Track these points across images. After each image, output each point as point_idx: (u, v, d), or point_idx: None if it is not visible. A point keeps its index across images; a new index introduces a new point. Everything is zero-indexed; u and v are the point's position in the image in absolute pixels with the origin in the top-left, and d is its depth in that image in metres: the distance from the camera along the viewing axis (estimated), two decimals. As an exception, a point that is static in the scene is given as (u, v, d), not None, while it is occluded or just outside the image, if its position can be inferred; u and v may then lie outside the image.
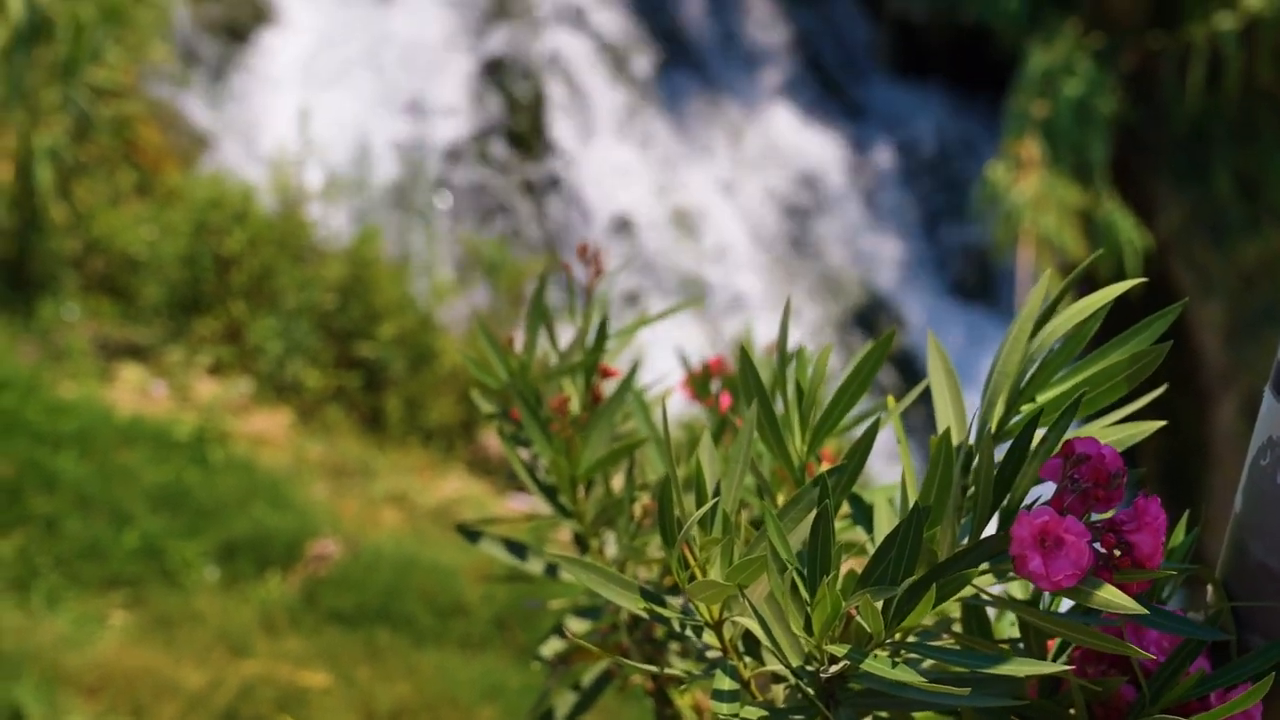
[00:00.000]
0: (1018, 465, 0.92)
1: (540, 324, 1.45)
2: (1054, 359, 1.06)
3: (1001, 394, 1.07)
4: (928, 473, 1.04)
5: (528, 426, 1.33)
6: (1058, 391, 1.06)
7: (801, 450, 1.21)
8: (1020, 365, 1.07)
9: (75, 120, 6.08)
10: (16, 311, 5.81)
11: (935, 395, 1.15)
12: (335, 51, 9.51)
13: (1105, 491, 0.85)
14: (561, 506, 1.36)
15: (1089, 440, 0.90)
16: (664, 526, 1.00)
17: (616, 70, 9.36)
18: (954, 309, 9.24)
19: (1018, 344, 1.07)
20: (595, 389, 1.43)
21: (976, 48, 9.54)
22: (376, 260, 7.05)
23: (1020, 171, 8.42)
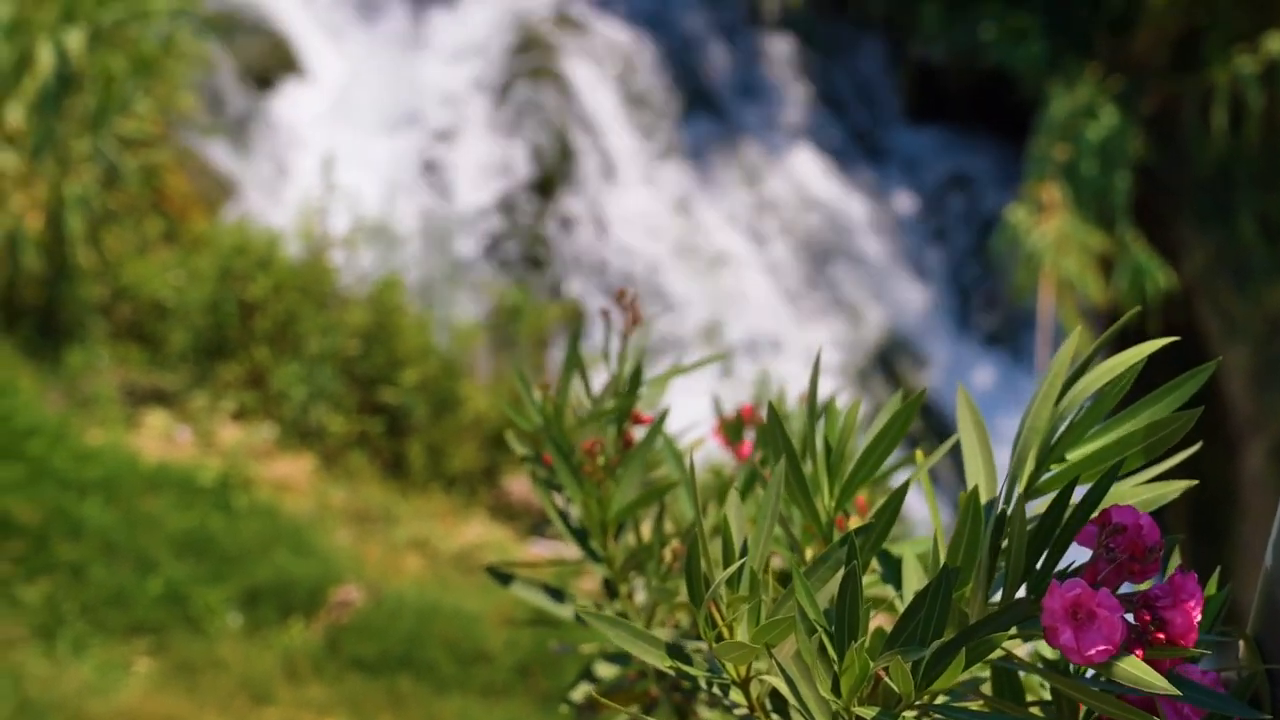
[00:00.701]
0: (1051, 529, 0.92)
1: (575, 370, 1.46)
2: (1084, 417, 1.06)
3: (1031, 451, 1.07)
4: (956, 530, 1.04)
5: (560, 470, 1.34)
6: (1088, 450, 1.05)
7: (829, 507, 1.21)
8: (1050, 423, 1.07)
9: (104, 170, 6.15)
10: (45, 358, 5.86)
11: (965, 450, 1.15)
12: (360, 99, 9.61)
13: (1141, 565, 0.85)
14: (592, 551, 1.36)
15: (1126, 509, 0.89)
16: (691, 585, 1.00)
17: (639, 116, 9.42)
18: (977, 352, 9.21)
19: (1047, 401, 1.07)
20: (627, 434, 1.44)
21: (997, 92, 9.57)
22: (399, 306, 7.09)
23: (1041, 214, 8.42)
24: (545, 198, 8.88)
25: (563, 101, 9.27)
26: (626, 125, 9.34)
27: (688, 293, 8.70)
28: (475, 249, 8.63)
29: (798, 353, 8.70)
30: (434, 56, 9.79)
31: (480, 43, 9.74)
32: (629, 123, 9.37)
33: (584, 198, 8.90)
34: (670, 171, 9.20)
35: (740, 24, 10.22)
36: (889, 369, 8.95)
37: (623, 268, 8.70)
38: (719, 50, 10.05)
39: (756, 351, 8.55)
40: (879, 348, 8.98)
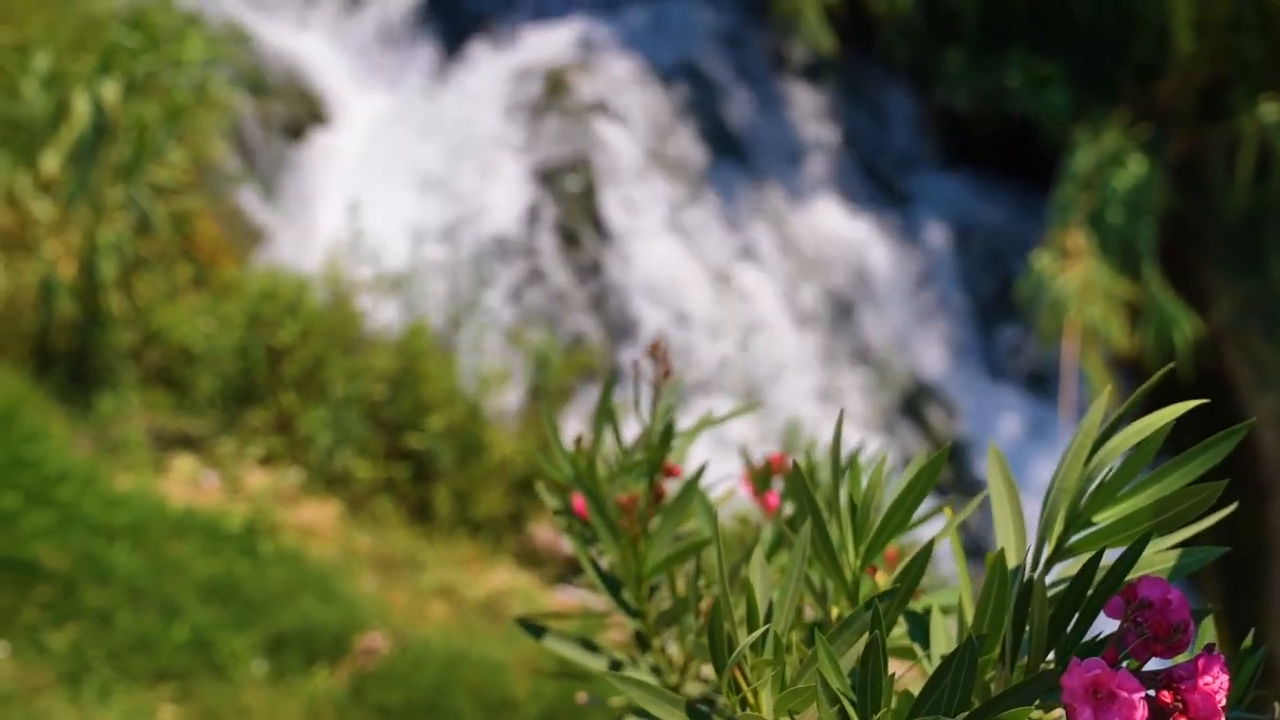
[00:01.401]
0: (1078, 598, 0.91)
1: (607, 422, 1.47)
2: (1114, 479, 1.06)
3: (1060, 512, 1.06)
4: (983, 593, 1.03)
5: (596, 525, 1.34)
6: (1118, 513, 1.05)
7: (855, 566, 1.21)
8: (1079, 483, 1.06)
9: (137, 217, 6.22)
10: (76, 403, 5.91)
11: (995, 509, 1.14)
12: (388, 147, 9.71)
13: (1168, 643, 0.84)
14: (626, 604, 1.37)
15: (1156, 582, 0.88)
16: (714, 649, 0.99)
17: (665, 163, 9.47)
18: (1004, 398, 9.16)
19: (1077, 461, 1.06)
20: (658, 487, 1.44)
21: (1023, 138, 9.58)
22: (426, 352, 7.12)
23: (1066, 261, 8.40)
24: (571, 244, 8.92)
25: (588, 149, 9.34)
26: (652, 172, 9.39)
27: (715, 339, 8.70)
28: (501, 295, 8.67)
29: (825, 398, 8.68)
30: (461, 105, 9.89)
31: (507, 92, 9.83)
32: (655, 170, 9.42)
33: (610, 244, 8.94)
34: (696, 218, 9.24)
35: (765, 70, 10.29)
36: (916, 415, 8.91)
37: (648, 314, 8.72)
38: (744, 96, 10.11)
39: (784, 397, 8.53)
40: (905, 393, 8.94)
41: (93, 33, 7.15)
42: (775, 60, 10.29)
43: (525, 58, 10.12)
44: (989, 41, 9.56)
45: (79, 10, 7.42)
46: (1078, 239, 8.50)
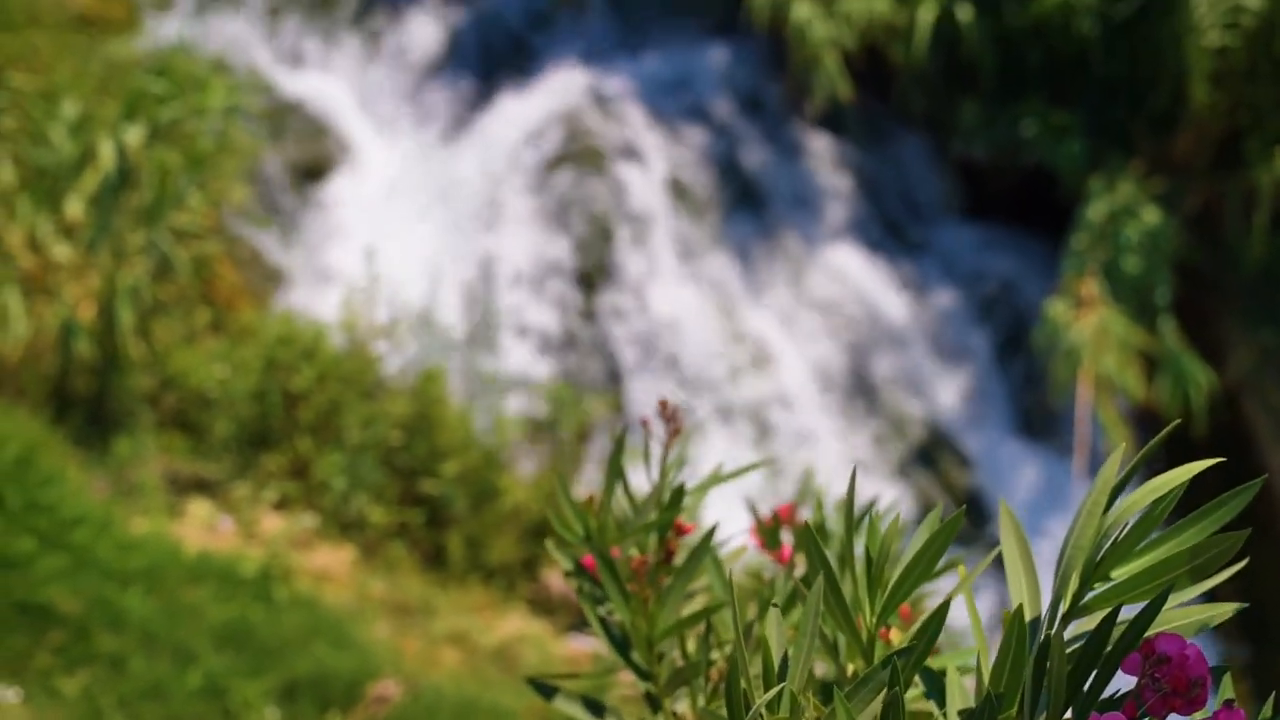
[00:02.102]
0: (1096, 655, 0.91)
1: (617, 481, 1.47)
2: (1130, 535, 1.05)
3: (1076, 569, 1.06)
4: (1000, 651, 1.03)
5: (607, 587, 1.34)
6: (1134, 569, 1.04)
7: (871, 624, 1.20)
8: (1095, 540, 1.06)
9: (157, 262, 6.28)
10: (93, 447, 5.93)
11: (1008, 566, 1.14)
12: (406, 192, 9.79)
13: (1186, 699, 0.83)
14: (636, 666, 1.36)
15: (1173, 638, 0.88)
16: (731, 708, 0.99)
17: (682, 210, 9.52)
18: (1019, 447, 9.12)
19: (1092, 518, 1.06)
20: (670, 544, 1.44)
21: (1039, 188, 9.61)
22: (441, 397, 7.14)
23: (1081, 310, 8.39)
24: (588, 290, 8.95)
25: (606, 196, 9.40)
26: (669, 219, 9.44)
27: (730, 387, 8.70)
28: (518, 341, 8.69)
29: (839, 447, 8.66)
30: (479, 151, 9.97)
31: (525, 138, 9.91)
32: (672, 217, 9.46)
33: (627, 291, 8.97)
34: (713, 266, 9.26)
35: (782, 119, 10.35)
36: (930, 463, 8.87)
37: (664, 361, 8.73)
38: (761, 143, 10.17)
39: (798, 445, 8.51)
40: (920, 442, 8.91)
41: (118, 79, 7.25)
42: (793, 108, 10.35)
43: (543, 104, 10.21)
44: (1005, 92, 9.61)
45: (105, 57, 7.53)
46: (1092, 288, 8.50)
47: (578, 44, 10.94)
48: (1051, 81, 9.48)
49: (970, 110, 9.71)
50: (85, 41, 8.07)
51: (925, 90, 9.91)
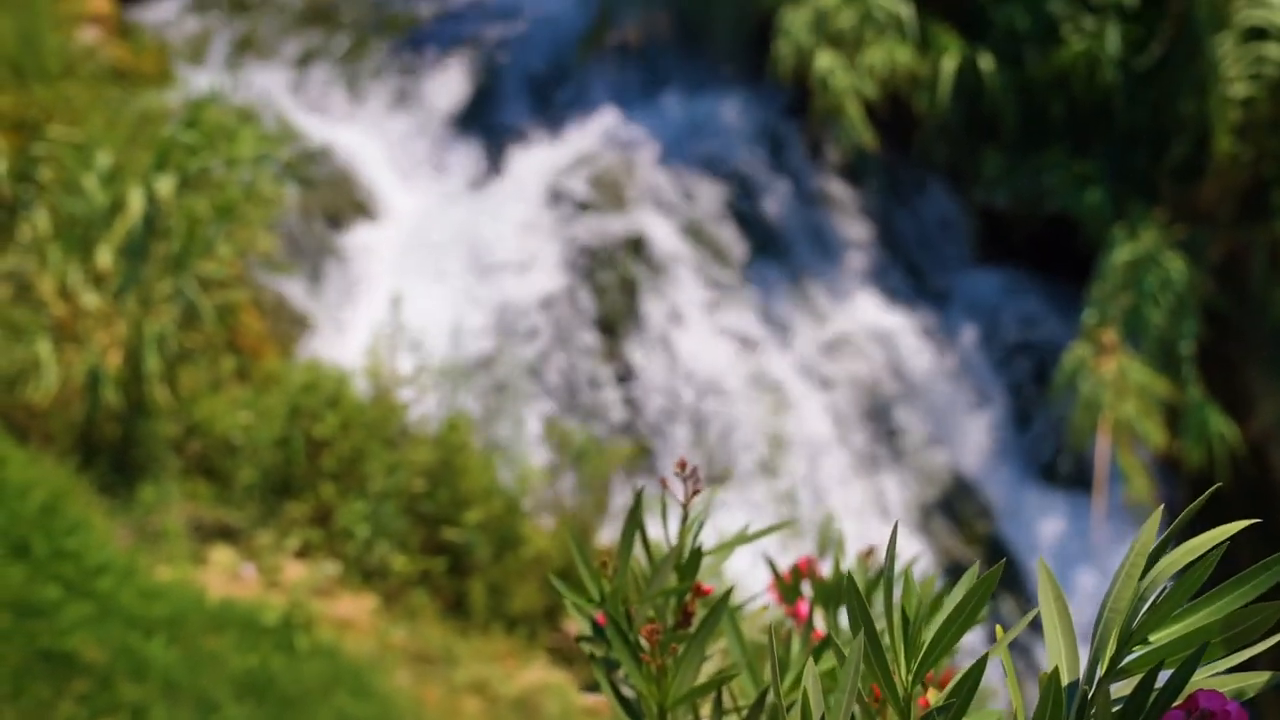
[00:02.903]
0: (1134, 715, 0.90)
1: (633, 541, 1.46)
2: (1168, 599, 1.05)
3: (1114, 632, 1.05)
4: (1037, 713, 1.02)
5: (619, 652, 1.33)
6: (1173, 632, 1.04)
7: (906, 681, 1.20)
8: (1132, 603, 1.05)
9: (183, 310, 6.33)
10: (118, 494, 5.96)
11: (1046, 628, 1.13)
12: (431, 240, 9.86)
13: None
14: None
15: (1213, 694, 0.87)
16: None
17: (704, 258, 9.55)
18: (1042, 495, 9.06)
19: (1130, 581, 1.06)
20: (688, 606, 1.43)
21: (1062, 236, 9.61)
22: (465, 445, 7.15)
23: (1101, 357, 8.36)
24: (611, 338, 8.98)
25: (628, 243, 9.44)
26: (692, 267, 9.47)
27: (752, 435, 8.69)
28: (540, 388, 8.71)
29: (861, 494, 8.62)
30: (502, 199, 10.04)
31: (548, 186, 9.99)
32: (694, 265, 9.49)
33: (649, 339, 8.99)
34: (735, 313, 9.28)
35: (803, 167, 10.40)
36: (952, 512, 8.82)
37: (686, 407, 8.72)
38: (783, 191, 10.21)
39: (819, 492, 8.48)
40: (942, 490, 8.87)
41: (150, 130, 7.35)
42: (815, 156, 10.41)
43: (566, 153, 10.29)
44: (1028, 141, 9.64)
45: (137, 108, 7.64)
46: (1113, 335, 8.47)
47: (602, 94, 11.04)
48: (1074, 130, 9.51)
49: (992, 159, 9.73)
50: (118, 93, 8.20)
51: (947, 139, 9.95)
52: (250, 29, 12.37)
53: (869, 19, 9.49)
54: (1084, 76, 9.19)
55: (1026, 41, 9.48)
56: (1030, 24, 9.46)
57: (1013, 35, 9.53)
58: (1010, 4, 9.59)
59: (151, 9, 12.66)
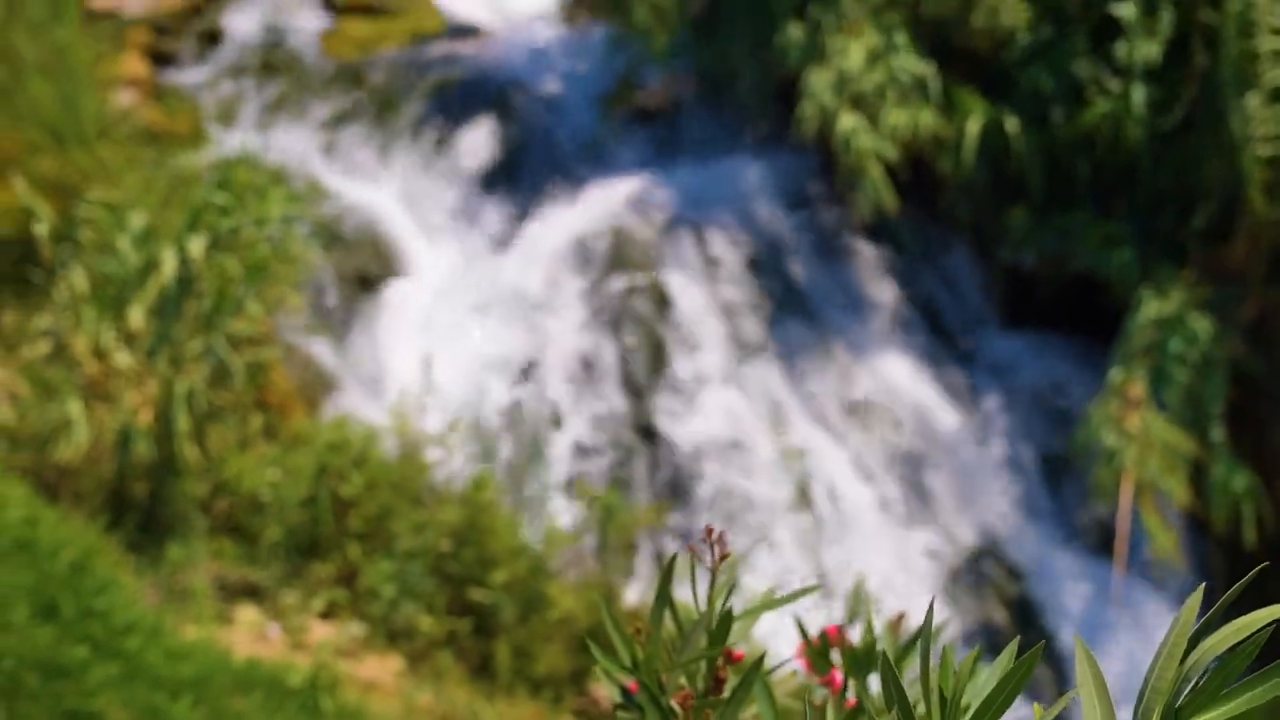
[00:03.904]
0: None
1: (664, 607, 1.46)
2: (1212, 679, 1.04)
3: (1155, 713, 1.04)
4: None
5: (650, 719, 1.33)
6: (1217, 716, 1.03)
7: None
8: (1174, 684, 1.05)
9: (213, 368, 6.38)
10: (146, 552, 5.98)
11: (1085, 707, 1.13)
12: (457, 300, 9.92)
13: None
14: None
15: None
16: None
17: (730, 317, 9.57)
18: (1071, 557, 8.97)
19: (1171, 660, 1.05)
20: (719, 671, 1.43)
21: (1089, 296, 9.59)
22: (491, 504, 7.14)
23: (1126, 412, 8.31)
24: (636, 397, 8.98)
25: (654, 302, 9.47)
26: (717, 327, 9.49)
27: (778, 495, 8.65)
28: (567, 447, 8.71)
29: (889, 556, 8.55)
30: (529, 258, 10.11)
31: (574, 246, 10.05)
32: (719, 324, 9.51)
33: (674, 398, 8.99)
34: (760, 373, 9.28)
35: (828, 227, 10.44)
36: (981, 574, 8.74)
37: (711, 467, 8.71)
38: (809, 253, 10.24)
39: (846, 554, 8.42)
40: (970, 552, 8.79)
41: (182, 190, 7.46)
42: (839, 217, 10.45)
43: (591, 213, 10.37)
44: (1053, 201, 9.66)
45: (171, 169, 7.76)
46: (1138, 390, 8.43)
47: (627, 155, 11.15)
48: (1100, 190, 9.52)
49: (1018, 219, 9.75)
50: (153, 154, 8.32)
51: (972, 199, 9.97)
52: (281, 91, 12.56)
53: (892, 81, 9.57)
54: (1109, 137, 9.22)
55: (1051, 102, 9.53)
56: (1055, 85, 9.51)
57: (1037, 96, 9.58)
58: (1035, 66, 9.65)
59: (186, 72, 12.89)
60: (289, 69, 12.97)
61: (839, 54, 9.58)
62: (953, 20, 9.83)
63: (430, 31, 14.03)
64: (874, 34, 9.68)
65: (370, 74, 12.58)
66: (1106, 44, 9.39)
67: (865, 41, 9.62)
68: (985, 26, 9.77)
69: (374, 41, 13.70)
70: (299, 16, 14.35)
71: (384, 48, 13.54)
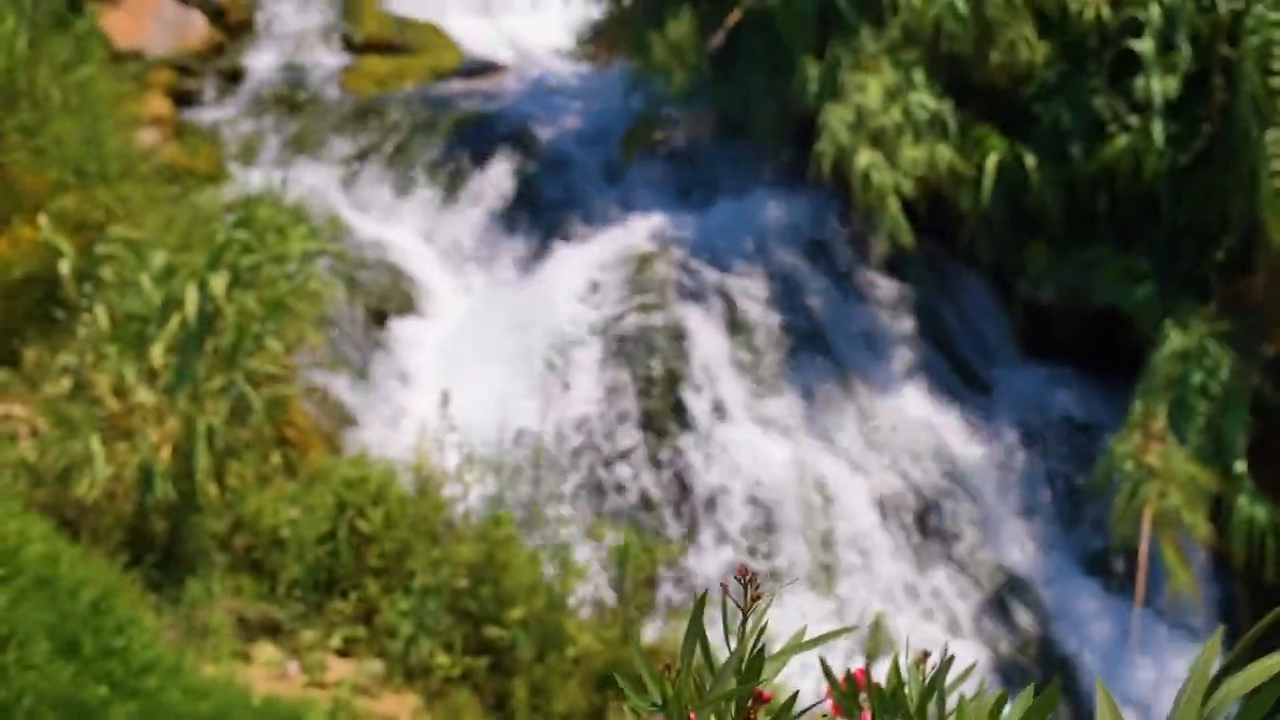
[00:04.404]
0: None
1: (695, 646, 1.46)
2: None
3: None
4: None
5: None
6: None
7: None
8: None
9: (233, 405, 6.41)
10: (165, 590, 5.99)
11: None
12: (475, 335, 9.95)
13: None
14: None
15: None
16: None
17: (749, 354, 9.56)
18: (1091, 593, 8.88)
19: (1191, 706, 1.04)
20: (749, 712, 1.42)
21: (1109, 330, 9.55)
22: (509, 540, 7.12)
23: (1147, 447, 8.26)
24: (656, 434, 8.97)
25: (672, 338, 9.48)
26: (735, 361, 9.48)
27: (799, 530, 8.61)
28: (586, 483, 8.69)
29: (911, 592, 8.49)
30: (546, 295, 10.13)
31: (592, 282, 10.07)
32: (737, 359, 9.51)
33: (694, 435, 8.97)
34: (780, 409, 9.26)
35: (846, 262, 10.44)
36: (1003, 611, 8.66)
37: (731, 504, 8.67)
38: (827, 289, 10.24)
39: (868, 591, 8.36)
40: (992, 589, 8.72)
41: (203, 228, 7.52)
42: (857, 253, 10.45)
43: (609, 250, 10.40)
44: (1073, 236, 9.64)
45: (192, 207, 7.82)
46: (1159, 425, 8.38)
47: (646, 191, 11.19)
48: (1119, 224, 9.50)
49: (1037, 254, 9.73)
50: (175, 192, 8.40)
51: (990, 234, 9.97)
52: (301, 129, 12.67)
53: (910, 118, 9.59)
54: (1129, 172, 9.21)
55: (1070, 137, 9.54)
56: (1073, 120, 9.52)
57: (1056, 131, 9.59)
58: (1054, 101, 9.66)
59: (207, 110, 13.02)
60: (309, 106, 13.09)
61: (857, 91, 9.62)
62: (970, 57, 9.86)
63: (449, 68, 14.15)
64: (891, 71, 9.71)
65: (389, 110, 12.68)
66: (1125, 79, 9.40)
67: (883, 78, 9.66)
68: (1003, 63, 9.80)
69: (393, 78, 13.82)
70: (319, 54, 14.50)
71: (403, 84, 13.66)
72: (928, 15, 9.63)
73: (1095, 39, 9.60)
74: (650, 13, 10.88)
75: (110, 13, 12.81)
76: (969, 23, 9.56)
